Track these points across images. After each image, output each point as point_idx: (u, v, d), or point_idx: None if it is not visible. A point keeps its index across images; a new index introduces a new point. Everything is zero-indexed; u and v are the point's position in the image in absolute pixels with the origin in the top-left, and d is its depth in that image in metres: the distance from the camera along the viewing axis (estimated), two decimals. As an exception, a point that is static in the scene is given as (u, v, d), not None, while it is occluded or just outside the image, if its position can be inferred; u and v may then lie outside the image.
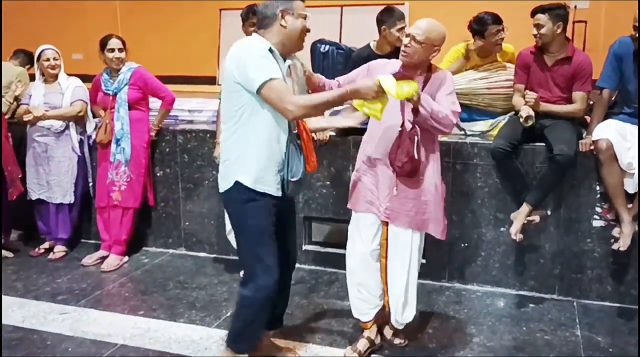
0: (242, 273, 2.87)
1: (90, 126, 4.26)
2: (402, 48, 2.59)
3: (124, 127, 3.98)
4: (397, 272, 2.77)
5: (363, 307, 2.88)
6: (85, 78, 4.49)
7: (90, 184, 4.31)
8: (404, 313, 2.83)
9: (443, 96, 2.59)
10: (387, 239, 2.77)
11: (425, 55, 2.58)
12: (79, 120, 4.20)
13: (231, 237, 3.64)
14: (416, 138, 2.55)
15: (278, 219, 2.53)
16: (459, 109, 2.63)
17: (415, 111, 2.50)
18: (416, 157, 2.55)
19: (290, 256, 2.72)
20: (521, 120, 3.25)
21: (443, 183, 2.79)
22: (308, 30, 2.42)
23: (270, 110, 2.34)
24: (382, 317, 2.95)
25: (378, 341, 2.95)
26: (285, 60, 2.42)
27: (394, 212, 2.69)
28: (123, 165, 4.02)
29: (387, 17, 3.65)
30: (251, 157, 2.39)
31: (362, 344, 2.89)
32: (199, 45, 7.17)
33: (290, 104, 2.26)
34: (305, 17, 2.39)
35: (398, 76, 2.43)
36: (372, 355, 2.91)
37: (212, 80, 7.02)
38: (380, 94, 2.29)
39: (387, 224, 2.75)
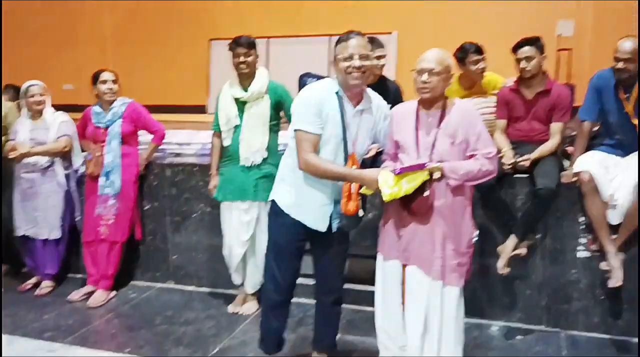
0: None
1: (77, 160, 4.27)
2: (420, 85, 2.52)
3: (116, 160, 3.99)
4: (412, 323, 2.61)
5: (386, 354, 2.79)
6: (75, 108, 4.51)
7: (77, 218, 4.30)
8: None
9: (473, 140, 2.51)
10: (404, 284, 2.64)
11: (445, 85, 2.53)
12: (65, 155, 4.21)
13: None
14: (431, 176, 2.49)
15: (315, 250, 2.81)
16: (494, 149, 2.53)
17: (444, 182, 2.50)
18: (425, 194, 2.47)
19: (328, 286, 2.89)
20: (505, 166, 3.29)
21: (473, 227, 2.64)
22: (358, 68, 2.52)
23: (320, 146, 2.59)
24: None
25: None
26: (357, 104, 2.62)
27: (409, 253, 2.59)
28: (112, 198, 4.01)
29: None
30: (290, 183, 2.69)
31: None
32: (189, 75, 7.22)
33: (303, 159, 2.57)
34: (346, 58, 2.52)
35: (405, 170, 2.45)
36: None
37: (201, 109, 7.07)
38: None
39: (405, 266, 2.63)
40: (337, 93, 2.59)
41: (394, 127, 2.67)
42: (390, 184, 2.44)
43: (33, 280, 4.31)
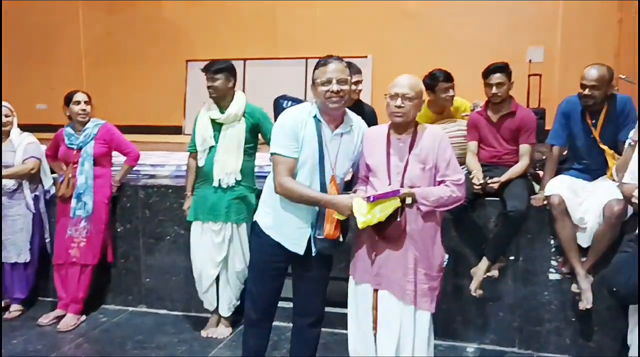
0: None
1: (47, 181, 4.21)
2: (394, 110, 2.55)
3: (88, 182, 3.93)
4: (385, 347, 2.59)
5: None
6: (49, 128, 4.44)
7: (47, 241, 4.22)
8: None
9: (442, 166, 2.56)
10: (376, 308, 2.64)
11: (417, 110, 2.58)
12: (33, 177, 4.13)
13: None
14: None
15: (295, 272, 2.80)
16: (462, 176, 2.59)
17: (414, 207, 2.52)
18: (398, 219, 2.49)
19: (305, 308, 2.85)
20: (475, 187, 3.34)
21: (444, 251, 2.67)
22: (336, 93, 2.53)
23: (297, 169, 2.61)
24: None
25: None
26: (336, 127, 2.63)
27: (380, 277, 2.60)
28: (83, 220, 3.94)
29: None
30: (269, 204, 2.72)
31: None
32: (165, 96, 7.21)
33: (278, 182, 2.59)
34: (324, 82, 2.54)
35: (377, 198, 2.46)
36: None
37: (178, 130, 7.06)
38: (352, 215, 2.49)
39: (377, 291, 2.63)
40: (315, 117, 2.61)
41: (366, 150, 2.70)
42: (363, 212, 2.45)
43: (1, 303, 4.20)
